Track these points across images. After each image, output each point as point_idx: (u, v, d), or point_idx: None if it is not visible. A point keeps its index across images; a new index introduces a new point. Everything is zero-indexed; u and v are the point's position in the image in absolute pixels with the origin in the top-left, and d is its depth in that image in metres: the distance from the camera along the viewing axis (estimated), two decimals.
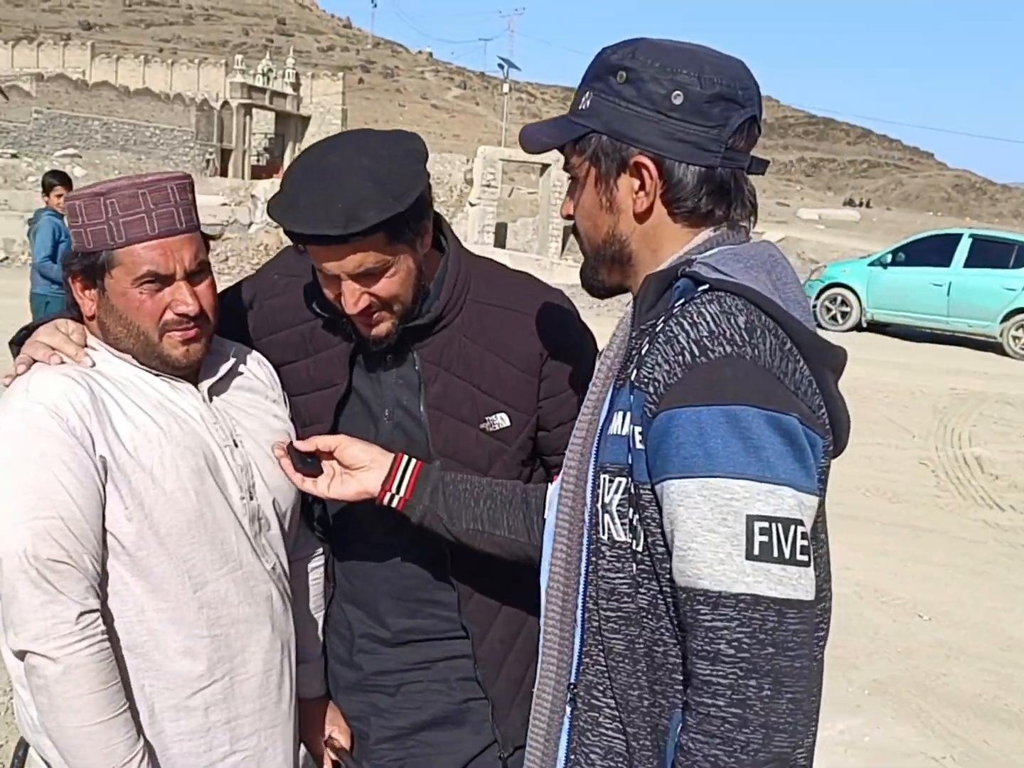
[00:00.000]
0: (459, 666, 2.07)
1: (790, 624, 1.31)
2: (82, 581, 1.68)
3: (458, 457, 1.97)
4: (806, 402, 1.41)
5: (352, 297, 1.83)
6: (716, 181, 1.49)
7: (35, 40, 76.89)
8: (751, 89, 1.50)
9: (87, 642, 1.67)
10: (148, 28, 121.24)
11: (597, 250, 1.59)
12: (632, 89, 1.48)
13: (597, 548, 1.49)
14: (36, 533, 1.66)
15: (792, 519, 1.32)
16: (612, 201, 1.53)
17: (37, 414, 1.69)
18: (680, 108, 1.46)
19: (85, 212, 1.75)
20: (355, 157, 1.80)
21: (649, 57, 1.48)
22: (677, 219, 1.52)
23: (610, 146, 1.51)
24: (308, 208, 1.76)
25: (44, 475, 1.67)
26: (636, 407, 1.42)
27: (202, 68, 68.86)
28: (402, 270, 1.85)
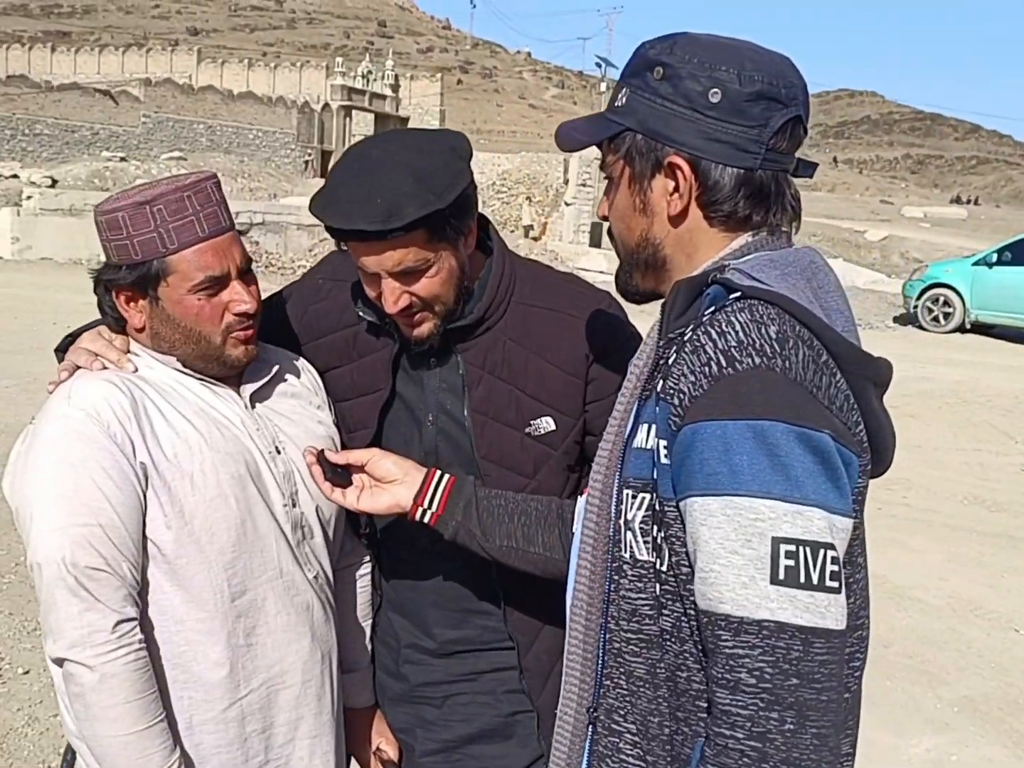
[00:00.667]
0: (506, 678, 2.03)
1: (817, 654, 1.23)
2: (120, 589, 1.67)
3: (503, 462, 1.92)
4: (841, 418, 1.32)
5: (392, 296, 1.79)
6: (755, 184, 1.42)
7: (144, 46, 79.08)
8: (795, 88, 1.42)
9: (123, 651, 1.66)
10: (252, 32, 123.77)
11: (631, 254, 1.52)
12: (669, 86, 1.41)
13: (619, 567, 1.43)
14: (74, 540, 1.65)
15: (822, 543, 1.24)
16: (646, 203, 1.47)
17: (78, 420, 1.68)
18: (718, 107, 1.39)
19: (131, 223, 1.72)
20: (397, 152, 1.77)
21: (687, 53, 1.40)
22: (713, 223, 1.44)
23: (645, 145, 1.44)
24: (347, 203, 1.72)
25: (84, 481, 1.66)
26: (661, 420, 1.35)
27: (304, 71, 69.96)
28: (444, 269, 1.80)
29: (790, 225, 1.48)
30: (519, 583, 1.92)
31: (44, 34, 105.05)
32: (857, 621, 1.42)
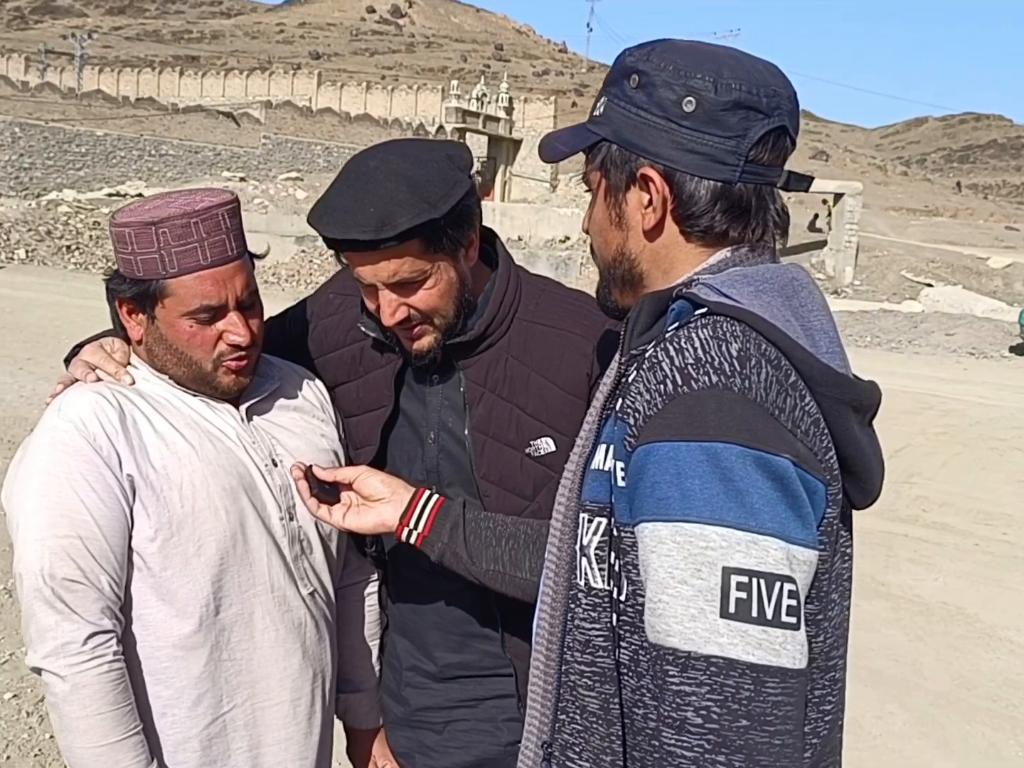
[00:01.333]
0: (506, 706, 1.98)
1: (770, 695, 1.15)
2: (97, 601, 1.68)
3: (503, 483, 1.88)
4: (807, 443, 1.24)
5: (389, 308, 1.77)
6: (733, 197, 1.35)
7: (267, 70, 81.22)
8: (779, 97, 1.35)
9: (96, 662, 1.66)
10: (372, 56, 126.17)
11: (607, 268, 1.48)
12: (643, 94, 1.36)
13: (575, 595, 1.36)
14: (53, 551, 1.66)
15: (777, 575, 1.17)
16: (621, 216, 1.42)
17: (65, 431, 1.70)
18: (692, 116, 1.33)
19: (136, 240, 1.73)
20: (393, 162, 1.75)
21: (664, 60, 1.35)
22: (690, 238, 1.38)
23: (619, 156, 1.39)
24: (341, 212, 1.71)
25: (66, 493, 1.68)
26: (618, 440, 1.29)
27: (420, 94, 71.01)
28: (441, 281, 1.78)
29: (774, 241, 1.42)
30: (518, 608, 1.86)
31: (174, 59, 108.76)
32: (829, 661, 1.34)
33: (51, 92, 49.50)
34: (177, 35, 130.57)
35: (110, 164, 44.66)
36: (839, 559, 1.35)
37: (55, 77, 68.52)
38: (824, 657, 1.32)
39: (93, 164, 44.19)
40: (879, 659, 5.59)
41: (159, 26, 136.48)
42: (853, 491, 1.36)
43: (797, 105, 1.39)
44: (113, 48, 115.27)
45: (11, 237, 27.83)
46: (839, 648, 1.38)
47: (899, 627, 6.10)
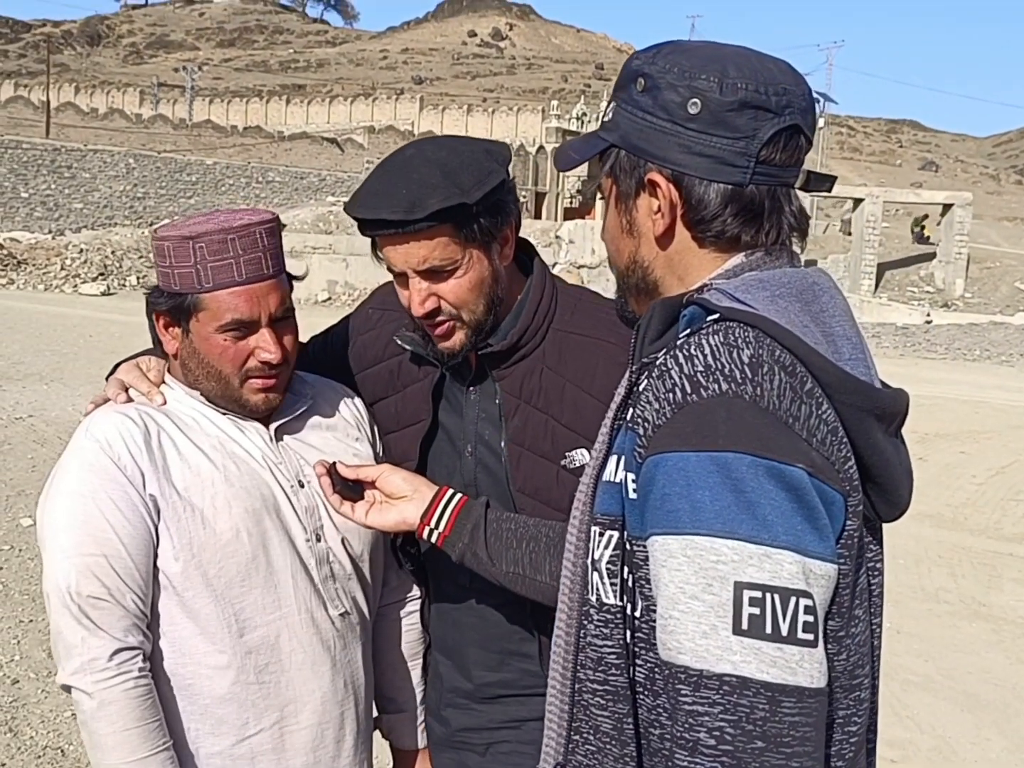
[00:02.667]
0: None
1: (786, 715, 1.10)
2: (123, 619, 1.70)
3: (538, 496, 1.86)
4: (823, 452, 1.19)
5: (419, 296, 1.77)
6: (745, 200, 1.31)
7: (371, 96, 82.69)
8: (790, 95, 1.30)
9: (121, 678, 1.68)
10: (474, 79, 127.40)
11: (622, 277, 1.45)
12: (649, 98, 1.33)
13: (587, 611, 1.33)
14: (79, 569, 1.69)
15: (793, 589, 1.12)
16: (632, 223, 1.39)
17: (91, 451, 1.74)
18: (698, 118, 1.30)
19: (174, 254, 1.76)
20: (430, 151, 1.77)
21: (669, 62, 1.32)
22: (703, 243, 1.35)
23: (628, 162, 1.36)
24: (373, 195, 1.73)
25: (92, 511, 1.71)
26: (628, 450, 1.26)
27: (520, 115, 71.54)
28: (472, 272, 1.77)
29: (790, 243, 1.37)
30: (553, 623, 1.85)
31: (281, 87, 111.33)
32: (854, 680, 1.28)
33: (163, 123, 51.20)
34: (284, 65, 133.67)
35: (219, 192, 45.88)
36: (866, 574, 1.30)
37: (167, 109, 70.83)
38: (847, 676, 1.26)
39: (203, 192, 45.44)
40: (977, 683, 5.40)
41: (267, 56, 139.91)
42: (879, 502, 1.31)
43: (812, 102, 1.34)
44: (223, 79, 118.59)
45: (123, 264, 28.77)
46: (865, 667, 1.31)
47: (1000, 649, 5.89)
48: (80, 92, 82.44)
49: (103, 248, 29.66)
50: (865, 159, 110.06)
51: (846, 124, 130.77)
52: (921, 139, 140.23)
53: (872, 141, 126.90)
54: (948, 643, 5.92)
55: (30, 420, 10.29)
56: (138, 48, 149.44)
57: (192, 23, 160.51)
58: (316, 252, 30.20)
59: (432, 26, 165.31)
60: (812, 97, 1.34)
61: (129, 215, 42.77)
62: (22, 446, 9.15)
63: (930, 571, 7.23)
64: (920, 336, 25.58)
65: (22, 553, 6.40)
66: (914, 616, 6.25)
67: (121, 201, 42.89)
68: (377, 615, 2.05)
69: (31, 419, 10.34)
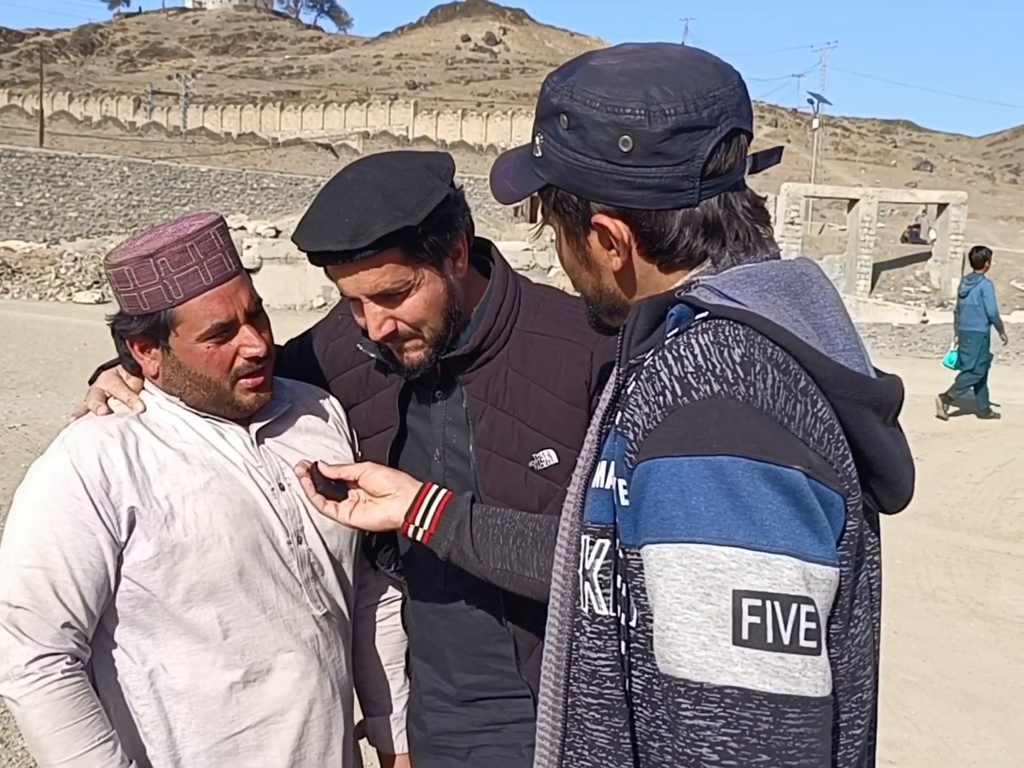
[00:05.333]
0: (530, 730, 1.87)
1: (790, 726, 1.06)
2: (48, 629, 1.71)
3: (508, 499, 1.84)
4: (820, 451, 1.15)
5: (375, 321, 1.75)
6: (699, 219, 1.27)
7: (365, 101, 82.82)
8: (721, 100, 1.25)
9: (43, 682, 1.68)
10: (468, 84, 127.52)
11: (590, 301, 1.42)
12: (576, 137, 1.27)
13: (579, 623, 1.29)
14: (14, 580, 1.71)
15: (793, 596, 1.08)
16: (588, 257, 1.35)
17: (59, 463, 1.74)
18: (632, 154, 1.24)
19: (136, 276, 1.74)
20: (369, 173, 1.74)
21: (587, 96, 1.25)
22: (668, 268, 1.31)
23: (569, 202, 1.31)
24: (317, 226, 1.71)
25: (42, 523, 1.72)
26: (618, 456, 1.22)
27: (515, 119, 71.64)
28: (425, 291, 1.75)
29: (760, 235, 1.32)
30: (530, 628, 1.83)
31: (276, 94, 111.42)
32: (855, 682, 1.25)
33: (157, 131, 51.21)
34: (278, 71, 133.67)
35: (214, 199, 45.84)
36: (865, 570, 1.27)
37: (161, 117, 70.82)
38: (850, 678, 1.23)
39: (198, 199, 45.40)
40: (976, 682, 5.37)
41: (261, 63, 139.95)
42: (882, 495, 1.28)
43: (744, 93, 1.28)
44: (217, 86, 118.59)
45: None
46: (866, 667, 1.28)
47: (998, 649, 5.86)
48: (74, 100, 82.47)
49: (97, 256, 29.63)
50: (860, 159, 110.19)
51: (840, 125, 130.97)
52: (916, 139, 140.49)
53: (867, 141, 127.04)
54: (946, 643, 5.89)
55: (24, 429, 10.25)
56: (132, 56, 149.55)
57: (186, 30, 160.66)
58: None
59: (426, 31, 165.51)
60: (743, 85, 1.29)
61: (124, 223, 42.74)
62: (15, 455, 9.10)
63: (927, 570, 7.20)
64: (916, 336, 25.54)
65: None
66: (911, 616, 6.22)
67: (116, 209, 42.86)
68: (357, 617, 2.05)
69: (25, 428, 10.30)
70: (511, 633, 1.90)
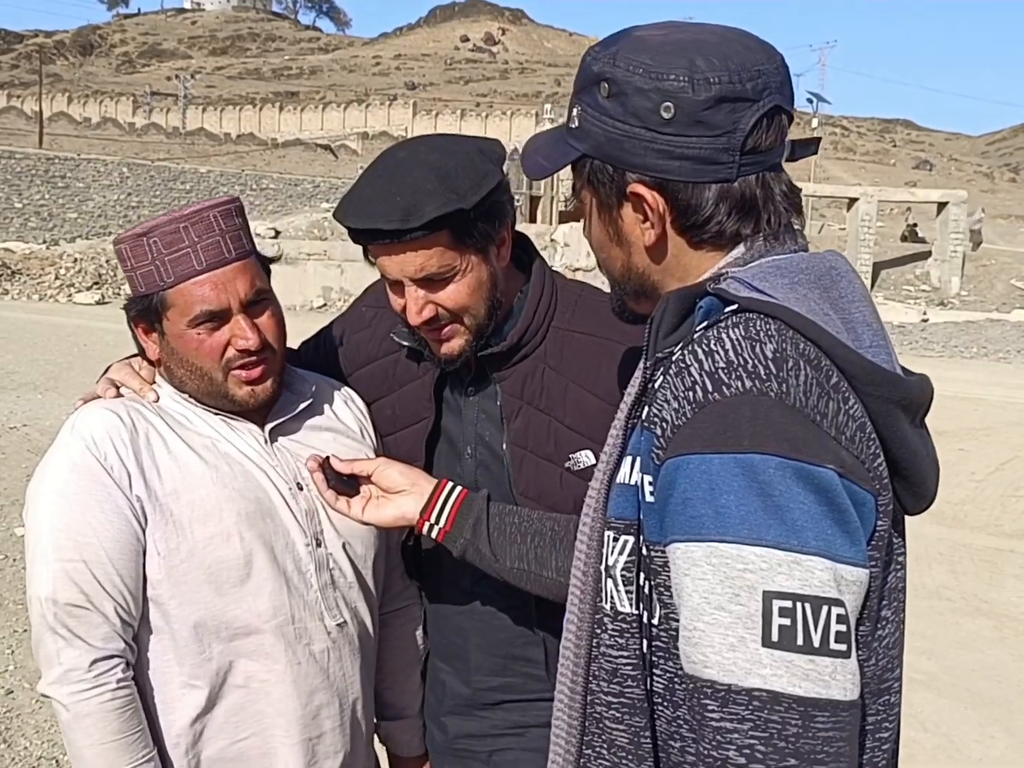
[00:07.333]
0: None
1: (820, 730, 1.05)
2: (102, 626, 1.64)
3: (542, 499, 1.80)
4: (852, 450, 1.14)
5: (416, 305, 1.70)
6: (736, 196, 1.25)
7: (364, 102, 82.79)
8: (766, 76, 1.23)
9: (98, 690, 1.62)
10: (467, 84, 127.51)
11: (617, 283, 1.39)
12: (618, 105, 1.25)
13: (600, 620, 1.27)
14: (57, 576, 1.63)
15: (824, 598, 1.06)
16: (619, 232, 1.33)
17: (76, 450, 1.66)
18: (673, 122, 1.22)
19: (132, 255, 1.69)
20: (423, 153, 1.70)
21: (631, 63, 1.24)
22: (700, 245, 1.29)
23: (605, 172, 1.29)
24: (366, 202, 1.66)
25: (74, 514, 1.64)
26: (645, 452, 1.19)
27: (514, 119, 71.64)
28: (470, 278, 1.71)
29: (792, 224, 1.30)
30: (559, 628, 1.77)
31: (274, 95, 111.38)
32: (883, 684, 1.23)
33: (156, 132, 51.18)
34: (277, 72, 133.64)
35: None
36: (892, 571, 1.24)
37: (160, 118, 70.77)
38: (877, 681, 1.21)
39: (198, 200, 45.28)
40: (981, 680, 5.36)
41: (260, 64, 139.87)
42: (905, 496, 1.26)
43: (787, 73, 1.27)
44: (216, 87, 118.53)
45: (118, 274, 28.65)
46: (894, 670, 1.26)
47: (1003, 647, 5.85)
48: (73, 102, 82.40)
49: (97, 257, 29.62)
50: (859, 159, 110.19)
51: (840, 124, 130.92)
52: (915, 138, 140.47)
53: (866, 141, 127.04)
54: (950, 640, 5.88)
55: (24, 429, 10.22)
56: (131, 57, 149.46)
57: (184, 31, 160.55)
58: (311, 258, 30.15)
59: (424, 32, 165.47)
60: (787, 67, 1.28)
61: (123, 224, 42.64)
62: (16, 455, 9.08)
63: (931, 568, 7.18)
64: (917, 334, 25.56)
65: (16, 563, 6.35)
66: (916, 613, 6.19)
67: (115, 210, 42.80)
68: (380, 623, 1.97)
69: (25, 428, 10.27)
70: (540, 636, 1.86)
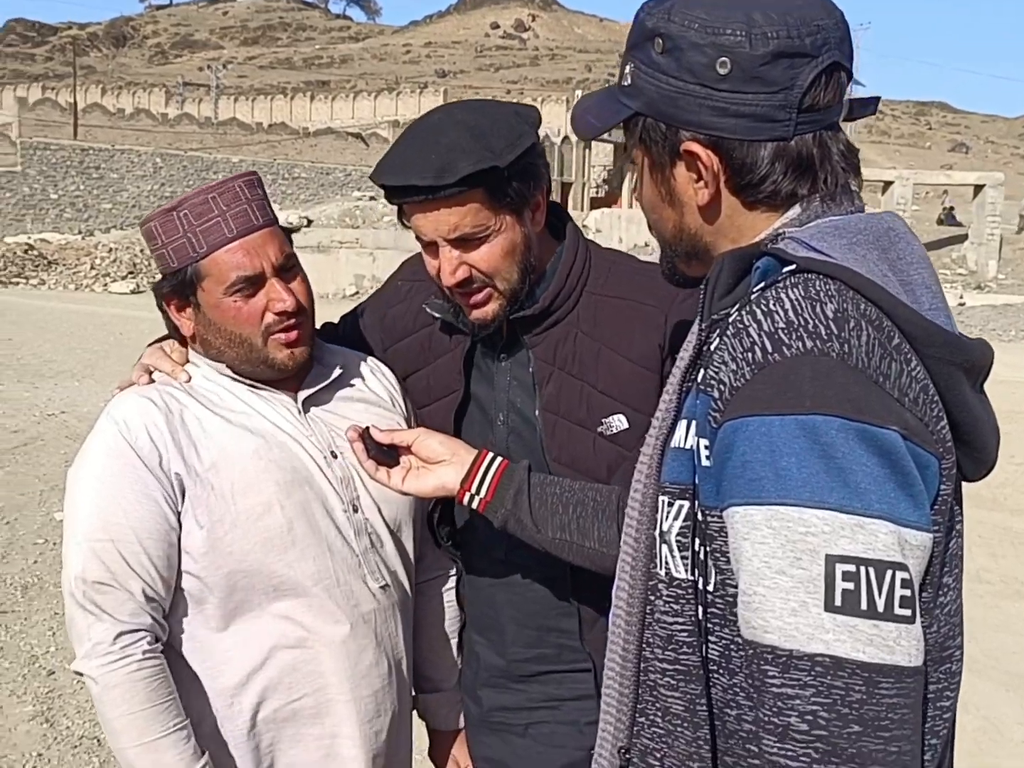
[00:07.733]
0: (588, 708, 1.84)
1: (884, 697, 1.02)
2: (128, 603, 1.69)
3: (575, 465, 1.79)
4: (916, 412, 1.11)
5: (450, 265, 1.70)
6: (792, 154, 1.22)
7: (395, 90, 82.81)
8: (825, 31, 1.20)
9: (124, 661, 1.66)
10: (497, 71, 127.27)
11: (668, 245, 1.37)
12: (672, 60, 1.22)
13: (655, 586, 1.25)
14: (86, 555, 1.69)
15: (888, 562, 1.03)
16: (672, 192, 1.30)
17: (110, 434, 1.72)
18: (729, 77, 1.19)
19: (162, 231, 1.73)
20: (458, 114, 1.71)
21: (686, 18, 1.21)
22: (754, 206, 1.26)
23: (658, 130, 1.27)
24: (401, 161, 1.66)
25: (105, 496, 1.70)
26: (701, 414, 1.17)
27: (545, 105, 71.37)
28: (504, 239, 1.70)
29: (849, 185, 1.27)
30: (595, 598, 1.78)
31: (305, 84, 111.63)
32: (944, 652, 1.21)
33: (189, 122, 51.44)
34: (308, 61, 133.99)
35: None
36: (954, 537, 1.22)
37: (193, 108, 71.18)
38: (939, 648, 1.19)
39: None
40: (1022, 662, 5.30)
41: (291, 53, 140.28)
42: (966, 462, 1.23)
43: (847, 30, 1.24)
44: (247, 77, 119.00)
45: (152, 263, 28.93)
46: (955, 638, 1.24)
47: None
48: (106, 93, 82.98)
49: (132, 247, 29.88)
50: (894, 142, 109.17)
51: None
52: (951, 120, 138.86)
53: (901, 124, 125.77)
54: (991, 623, 5.82)
55: (63, 416, 10.33)
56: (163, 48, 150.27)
57: (216, 22, 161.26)
58: (343, 247, 30.27)
59: (454, 19, 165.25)
60: (846, 23, 1.24)
61: None
62: (55, 442, 9.18)
63: (971, 551, 7.09)
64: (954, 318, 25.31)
65: (56, 547, 6.42)
66: None
67: (149, 200, 43.07)
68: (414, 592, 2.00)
69: (63, 415, 10.38)
70: (575, 606, 1.86)
